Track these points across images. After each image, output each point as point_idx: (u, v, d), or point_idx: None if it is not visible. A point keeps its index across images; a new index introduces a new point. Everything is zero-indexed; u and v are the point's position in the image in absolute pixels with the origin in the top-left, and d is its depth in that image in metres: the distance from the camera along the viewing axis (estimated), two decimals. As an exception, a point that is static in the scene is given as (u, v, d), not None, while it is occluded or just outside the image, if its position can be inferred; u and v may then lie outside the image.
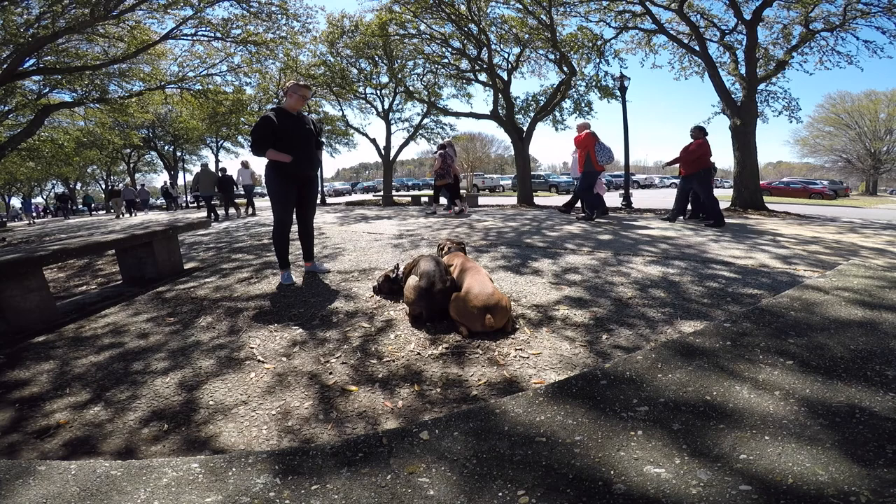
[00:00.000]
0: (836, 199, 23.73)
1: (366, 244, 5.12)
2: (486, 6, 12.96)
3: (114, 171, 38.03)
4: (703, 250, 4.37)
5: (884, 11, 10.13)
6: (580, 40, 13.46)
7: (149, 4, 11.27)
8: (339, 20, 16.16)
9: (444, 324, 2.56)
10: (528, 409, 1.62)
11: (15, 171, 26.12)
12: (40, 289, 3.15)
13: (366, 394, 1.94)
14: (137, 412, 1.90)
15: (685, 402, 1.61)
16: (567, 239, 5.20)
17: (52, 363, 2.45)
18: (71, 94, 14.75)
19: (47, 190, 44.41)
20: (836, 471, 1.22)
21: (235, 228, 7.78)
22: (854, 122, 37.53)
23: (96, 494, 1.31)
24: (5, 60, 10.86)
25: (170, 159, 29.99)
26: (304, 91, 3.53)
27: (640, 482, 1.23)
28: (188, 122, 22.11)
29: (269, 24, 12.88)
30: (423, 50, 14.87)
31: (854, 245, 4.73)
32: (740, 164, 10.58)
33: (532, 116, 14.11)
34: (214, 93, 15.20)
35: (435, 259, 2.79)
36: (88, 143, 22.02)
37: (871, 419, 1.45)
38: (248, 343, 2.52)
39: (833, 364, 1.84)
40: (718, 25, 11.88)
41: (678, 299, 2.85)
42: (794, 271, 3.45)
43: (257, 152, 3.40)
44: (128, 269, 4.24)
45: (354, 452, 1.45)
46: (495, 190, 32.08)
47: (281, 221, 3.56)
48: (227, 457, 1.47)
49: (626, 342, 2.28)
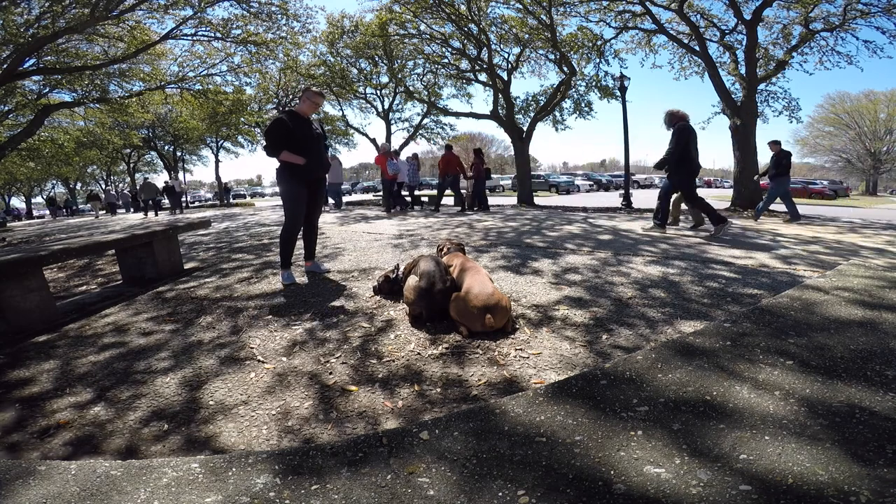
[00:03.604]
0: (836, 199, 23.73)
1: (366, 244, 5.12)
2: (486, 6, 12.97)
3: (114, 171, 38.01)
4: (703, 250, 4.37)
5: (883, 11, 10.14)
6: (580, 40, 13.48)
7: (149, 4, 11.27)
8: (339, 20, 16.18)
9: (444, 324, 2.56)
10: (528, 409, 1.62)
11: (15, 171, 26.12)
12: (40, 289, 3.15)
13: (366, 394, 1.94)
14: (138, 412, 1.90)
15: (685, 402, 1.61)
16: (567, 239, 5.20)
17: (53, 363, 2.45)
18: (71, 94, 14.77)
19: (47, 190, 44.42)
20: (836, 471, 1.22)
21: (235, 228, 7.78)
22: (854, 122, 37.55)
23: (96, 494, 1.31)
24: (5, 60, 10.86)
25: (170, 159, 29.98)
26: (318, 99, 3.64)
27: (640, 482, 1.23)
28: (188, 122, 22.09)
29: (269, 24, 12.90)
30: (423, 50, 14.88)
31: (854, 245, 4.73)
32: (740, 164, 10.59)
33: (532, 116, 14.12)
34: (214, 93, 15.21)
35: (435, 259, 2.79)
36: (88, 143, 22.04)
37: (871, 419, 1.45)
38: (248, 343, 2.52)
39: (833, 364, 1.84)
40: (718, 25, 11.89)
41: (678, 299, 2.85)
42: (794, 271, 3.45)
43: (272, 153, 3.47)
44: (128, 269, 4.24)
45: (354, 452, 1.45)
46: (495, 190, 32.08)
47: (292, 221, 3.63)
48: (227, 457, 1.48)
49: (626, 342, 2.28)
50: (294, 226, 3.64)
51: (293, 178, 3.54)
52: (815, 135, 40.14)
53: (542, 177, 31.57)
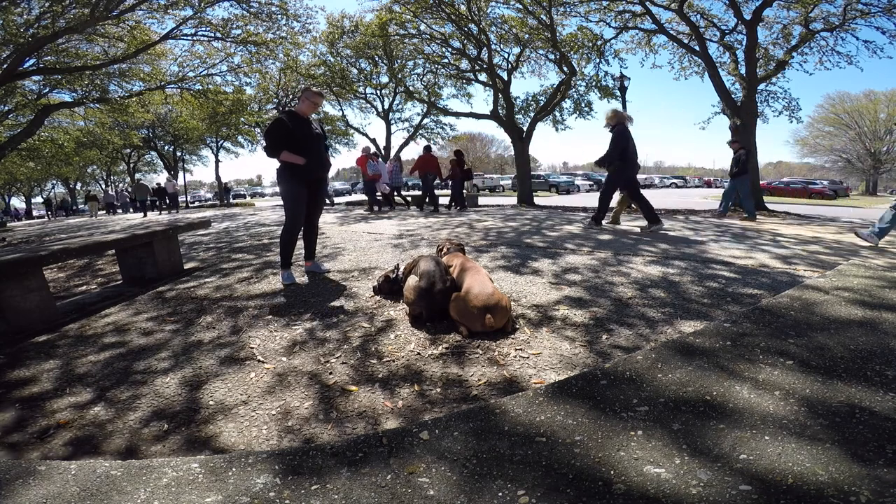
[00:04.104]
0: (836, 199, 23.74)
1: (366, 244, 5.12)
2: (486, 6, 12.97)
3: (114, 171, 38.01)
4: (703, 250, 4.37)
5: (883, 11, 10.14)
6: (580, 40, 13.48)
7: (149, 4, 11.28)
8: (339, 20, 16.20)
9: (444, 324, 2.55)
10: (528, 409, 1.62)
11: (15, 171, 26.17)
12: (40, 289, 3.15)
13: (366, 394, 1.94)
14: (138, 412, 1.90)
15: (685, 402, 1.61)
16: (567, 239, 5.20)
17: (53, 363, 2.45)
18: (71, 94, 14.77)
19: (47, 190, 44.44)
20: (836, 471, 1.22)
21: (235, 228, 7.79)
22: (854, 122, 37.56)
23: (96, 494, 1.31)
24: (5, 60, 10.87)
25: (170, 159, 29.99)
26: (318, 99, 3.65)
27: (640, 482, 1.23)
28: (188, 122, 22.12)
29: (269, 24, 12.90)
30: (423, 50, 14.88)
31: (854, 245, 4.73)
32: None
33: (532, 116, 14.12)
34: (214, 93, 15.21)
35: (435, 259, 2.79)
36: (88, 143, 22.07)
37: (871, 419, 1.45)
38: (248, 343, 2.52)
39: (833, 364, 1.84)
40: (718, 25, 11.89)
41: (678, 299, 2.85)
42: (794, 271, 3.45)
43: (272, 154, 3.48)
44: (128, 269, 4.24)
45: (354, 452, 1.45)
46: (495, 190, 32.10)
47: (293, 221, 3.63)
48: (227, 457, 1.48)
49: (626, 342, 2.28)
50: (294, 226, 3.64)
51: (293, 178, 3.55)
52: (815, 135, 40.16)
53: (542, 177, 31.59)
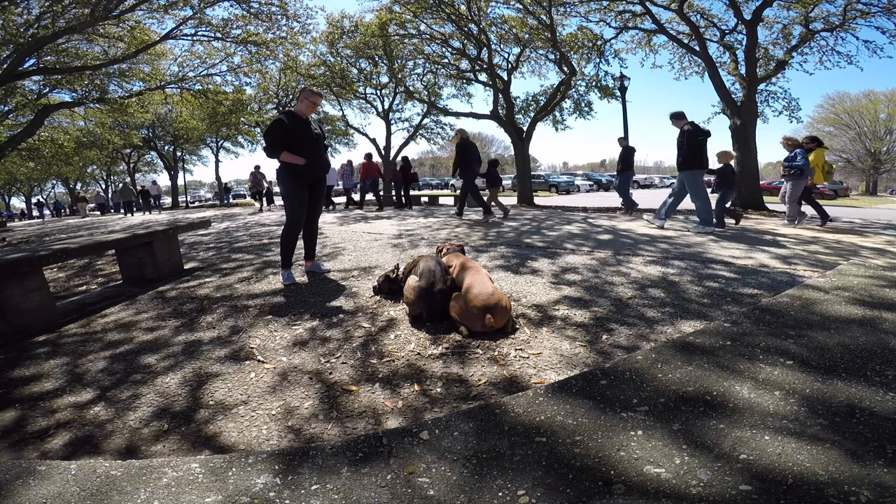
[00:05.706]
0: (836, 199, 23.73)
1: (366, 244, 5.12)
2: (486, 6, 12.95)
3: (114, 171, 37.97)
4: (703, 250, 4.37)
5: (883, 11, 10.14)
6: (580, 40, 13.47)
7: (149, 4, 11.27)
8: (339, 20, 16.16)
9: (445, 324, 2.55)
10: (528, 409, 1.62)
11: (15, 171, 26.16)
12: (40, 289, 3.15)
13: (366, 393, 1.94)
14: (138, 412, 1.90)
15: (685, 402, 1.61)
16: (566, 239, 5.20)
17: (53, 363, 2.45)
18: (71, 94, 14.75)
19: (47, 190, 44.43)
20: (836, 471, 1.22)
21: (235, 228, 7.79)
22: (854, 122, 37.53)
23: (96, 494, 1.31)
24: (5, 60, 10.86)
25: (170, 159, 29.98)
26: (317, 98, 3.64)
27: (640, 482, 1.23)
28: (188, 122, 22.10)
29: (269, 24, 12.90)
30: (423, 50, 14.87)
31: (854, 245, 4.73)
32: (740, 164, 10.56)
33: (532, 116, 14.11)
34: (214, 93, 15.20)
35: (435, 259, 2.79)
36: (88, 143, 22.05)
37: (871, 419, 1.45)
38: (248, 342, 2.52)
39: (833, 364, 1.84)
40: (718, 25, 11.88)
41: (678, 299, 2.85)
42: (794, 271, 3.45)
43: (272, 154, 3.49)
44: (128, 268, 4.24)
45: (355, 452, 1.45)
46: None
47: (293, 221, 3.63)
48: (228, 457, 1.48)
49: (626, 342, 2.28)
50: (294, 226, 3.64)
51: (294, 178, 3.55)
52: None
53: (542, 177, 31.51)
